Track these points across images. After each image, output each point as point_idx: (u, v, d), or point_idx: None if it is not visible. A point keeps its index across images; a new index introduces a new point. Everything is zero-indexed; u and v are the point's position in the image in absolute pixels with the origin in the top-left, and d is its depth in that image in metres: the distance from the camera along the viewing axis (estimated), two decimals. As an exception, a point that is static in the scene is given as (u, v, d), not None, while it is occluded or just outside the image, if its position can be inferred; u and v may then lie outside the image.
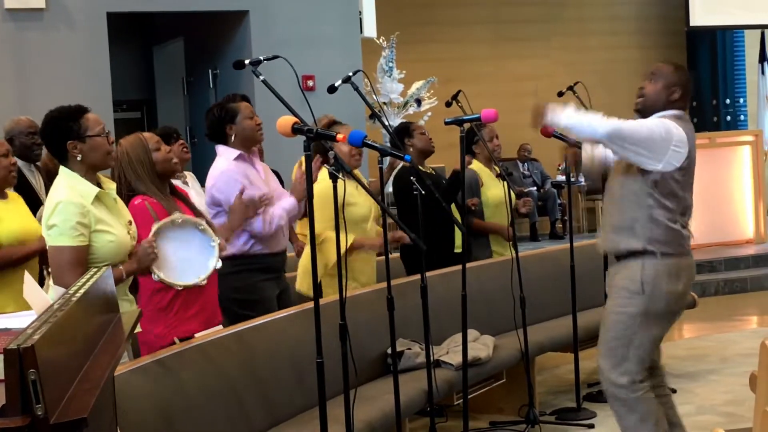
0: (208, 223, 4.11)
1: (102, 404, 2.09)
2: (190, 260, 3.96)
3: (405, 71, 10.99)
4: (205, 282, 4.01)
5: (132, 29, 11.54)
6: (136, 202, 4.08)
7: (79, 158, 3.70)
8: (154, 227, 3.88)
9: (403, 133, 6.07)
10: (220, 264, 4.03)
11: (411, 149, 5.99)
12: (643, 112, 4.33)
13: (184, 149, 5.81)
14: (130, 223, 3.89)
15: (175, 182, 4.51)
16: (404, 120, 10.62)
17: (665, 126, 4.14)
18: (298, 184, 4.77)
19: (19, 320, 1.98)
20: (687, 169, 4.21)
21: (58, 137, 3.71)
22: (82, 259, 3.65)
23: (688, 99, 4.40)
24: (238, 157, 4.76)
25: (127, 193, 4.12)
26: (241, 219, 4.53)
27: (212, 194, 4.74)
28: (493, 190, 6.17)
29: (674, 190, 4.17)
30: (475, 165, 6.30)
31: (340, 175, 3.80)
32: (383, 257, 4.47)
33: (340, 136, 3.66)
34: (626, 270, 4.26)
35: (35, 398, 1.39)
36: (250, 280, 4.75)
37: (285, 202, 4.80)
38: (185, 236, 3.96)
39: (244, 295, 4.74)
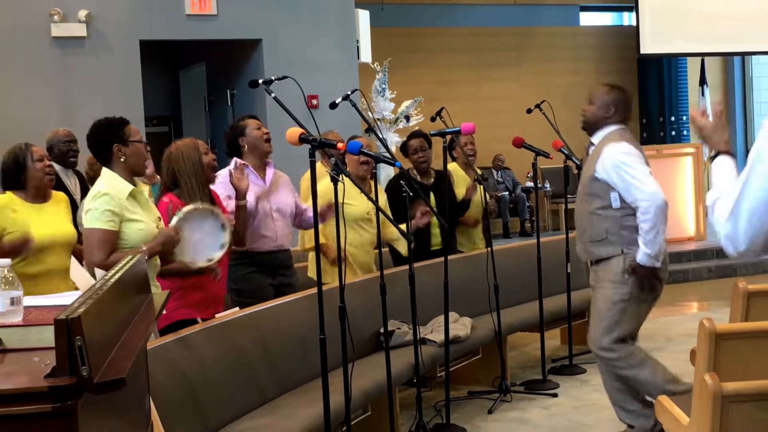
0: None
1: (136, 371, 2.11)
2: (202, 242, 3.91)
3: (396, 92, 10.97)
4: (215, 264, 3.95)
5: (161, 55, 11.51)
6: (164, 200, 4.08)
7: (122, 160, 3.71)
8: (177, 213, 3.85)
9: (403, 150, 6.02)
10: (228, 241, 3.96)
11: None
12: (587, 129, 4.40)
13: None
14: (159, 218, 3.89)
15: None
16: (407, 133, 10.62)
17: (642, 171, 4.15)
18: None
19: (65, 299, 1.98)
20: None
21: (106, 140, 3.71)
22: (110, 240, 3.63)
23: (625, 113, 4.39)
24: (240, 166, 4.76)
25: (167, 188, 4.11)
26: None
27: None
28: (462, 189, 6.05)
29: None
30: (451, 166, 6.19)
31: (340, 179, 3.79)
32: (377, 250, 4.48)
33: (340, 145, 3.67)
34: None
35: (81, 361, 1.40)
36: (242, 272, 4.71)
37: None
38: (201, 222, 3.93)
39: (239, 285, 4.72)
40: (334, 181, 3.70)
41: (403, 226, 4.27)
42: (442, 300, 4.88)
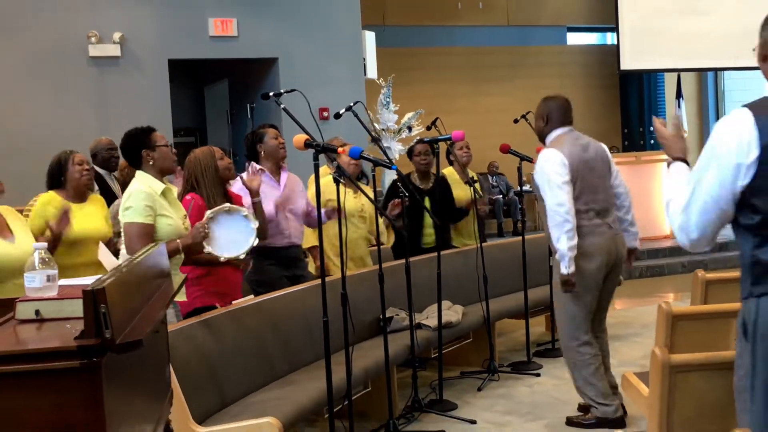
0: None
1: (157, 343, 2.21)
2: (235, 239, 3.98)
3: (399, 105, 11.06)
4: (244, 255, 4.01)
5: (188, 73, 11.63)
6: (187, 197, 4.18)
7: (151, 163, 3.82)
8: (208, 213, 3.93)
9: (408, 154, 6.10)
10: (257, 241, 4.03)
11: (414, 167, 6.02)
12: (541, 141, 4.44)
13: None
14: (185, 216, 3.98)
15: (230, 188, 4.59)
16: (409, 142, 10.72)
17: (555, 181, 4.15)
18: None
19: (92, 280, 2.08)
20: (575, 183, 4.20)
21: (135, 147, 3.83)
22: (149, 233, 3.72)
23: (562, 117, 4.35)
24: (259, 171, 4.84)
25: (189, 189, 4.22)
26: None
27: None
28: (459, 191, 6.10)
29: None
30: (447, 171, 6.27)
31: (342, 180, 3.88)
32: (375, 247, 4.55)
33: (340, 149, 3.76)
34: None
35: (105, 325, 1.50)
36: (259, 264, 4.77)
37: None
38: (232, 221, 3.98)
39: (257, 276, 4.81)
40: (337, 181, 3.81)
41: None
42: (436, 289, 4.94)
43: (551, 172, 4.19)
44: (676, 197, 2.36)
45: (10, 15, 8.66)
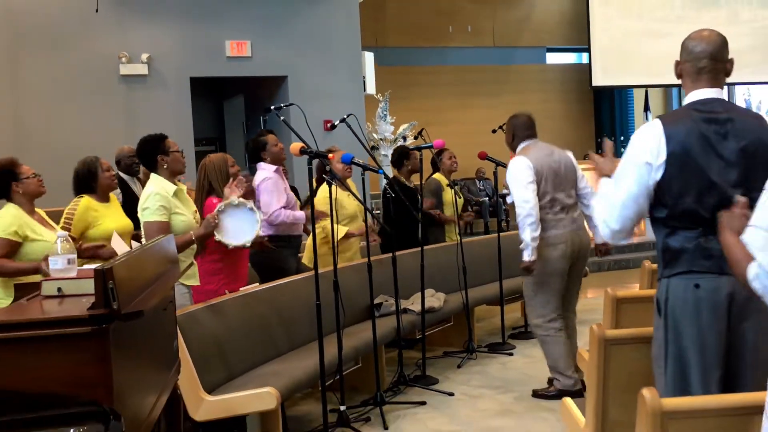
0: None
1: (164, 318, 2.32)
2: (242, 228, 4.03)
3: (395, 117, 11.19)
4: (249, 244, 4.06)
5: (207, 89, 11.71)
6: (213, 201, 4.23)
7: (165, 166, 3.91)
8: (219, 206, 4.01)
9: (403, 155, 6.06)
10: (261, 232, 4.07)
11: (408, 167, 6.00)
12: (511, 149, 4.58)
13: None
14: (195, 212, 4.07)
15: None
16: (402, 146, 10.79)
17: (522, 181, 4.29)
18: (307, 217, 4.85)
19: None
20: (540, 183, 4.33)
21: (152, 152, 3.90)
22: (165, 229, 3.78)
23: (525, 131, 4.49)
24: (276, 171, 4.94)
25: (207, 190, 4.29)
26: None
27: (260, 194, 4.86)
28: (449, 195, 6.20)
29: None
30: (438, 176, 6.32)
31: (334, 182, 3.98)
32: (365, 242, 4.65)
33: (331, 155, 3.86)
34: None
35: (112, 297, 1.62)
36: (277, 253, 4.80)
37: (298, 213, 4.92)
38: (239, 213, 4.04)
39: (272, 262, 4.81)
40: (329, 183, 3.93)
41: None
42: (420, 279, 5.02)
43: (518, 174, 4.33)
44: (600, 199, 2.49)
45: (52, 38, 8.79)
